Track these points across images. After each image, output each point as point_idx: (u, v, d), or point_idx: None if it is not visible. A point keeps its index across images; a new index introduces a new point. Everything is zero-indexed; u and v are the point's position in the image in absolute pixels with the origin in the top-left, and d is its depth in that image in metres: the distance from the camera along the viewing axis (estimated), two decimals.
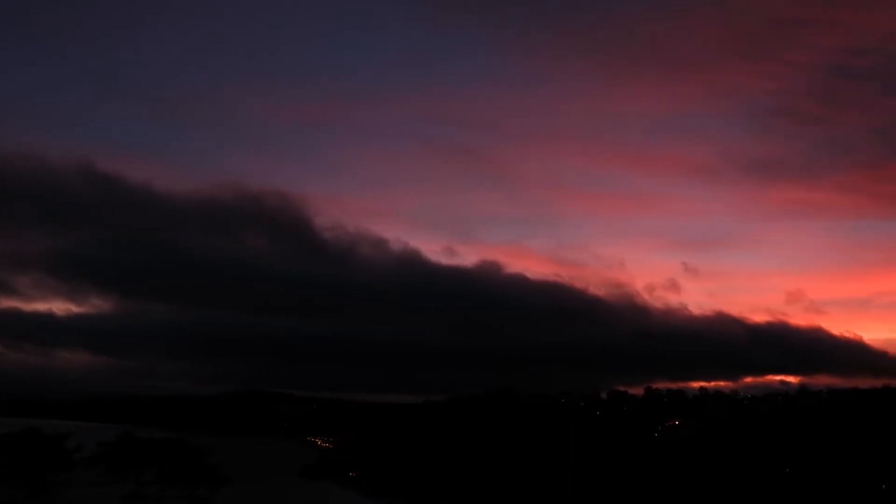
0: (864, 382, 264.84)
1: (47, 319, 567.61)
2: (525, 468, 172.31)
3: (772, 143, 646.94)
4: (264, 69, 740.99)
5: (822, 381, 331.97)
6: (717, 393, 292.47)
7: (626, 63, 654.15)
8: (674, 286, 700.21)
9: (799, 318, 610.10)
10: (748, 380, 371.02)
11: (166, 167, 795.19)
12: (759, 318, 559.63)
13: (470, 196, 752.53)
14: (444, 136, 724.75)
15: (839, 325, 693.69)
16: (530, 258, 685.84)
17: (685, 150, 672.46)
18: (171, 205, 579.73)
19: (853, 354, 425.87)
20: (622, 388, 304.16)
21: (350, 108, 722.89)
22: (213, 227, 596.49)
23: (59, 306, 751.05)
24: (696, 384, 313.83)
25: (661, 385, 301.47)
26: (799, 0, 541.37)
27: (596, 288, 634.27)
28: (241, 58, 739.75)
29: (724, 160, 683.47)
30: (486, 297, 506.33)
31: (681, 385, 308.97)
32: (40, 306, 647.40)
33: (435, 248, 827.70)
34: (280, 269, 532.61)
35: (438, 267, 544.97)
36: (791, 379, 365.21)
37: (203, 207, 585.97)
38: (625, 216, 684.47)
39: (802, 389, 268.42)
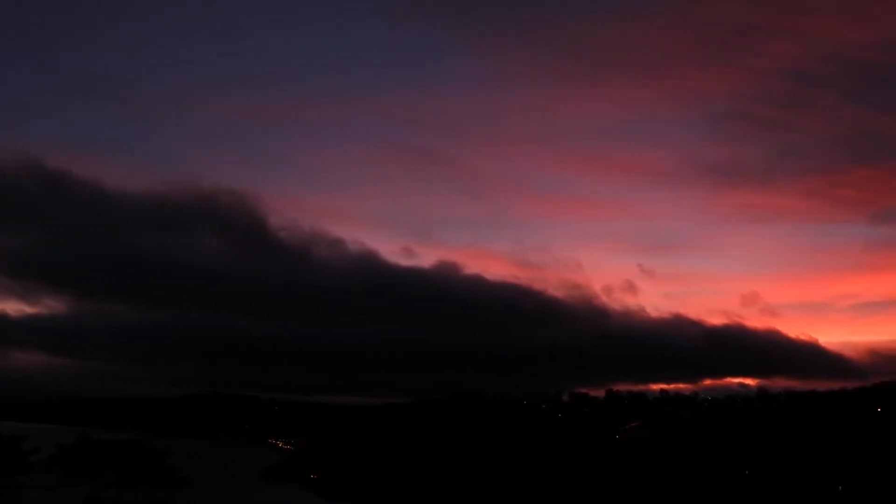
0: (822, 385, 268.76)
1: (0, 320, 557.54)
2: (490, 470, 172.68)
3: (731, 147, 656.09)
4: (224, 69, 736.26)
5: (780, 383, 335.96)
6: (678, 395, 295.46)
7: (587, 68, 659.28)
8: (632, 288, 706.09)
9: (755, 321, 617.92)
10: (707, 382, 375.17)
11: (119, 165, 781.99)
12: (716, 320, 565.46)
13: (430, 198, 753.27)
14: (406, 138, 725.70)
15: (795, 328, 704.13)
16: (490, 260, 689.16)
17: (645, 154, 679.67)
18: (124, 203, 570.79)
19: (809, 357, 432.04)
20: (583, 390, 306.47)
21: (311, 108, 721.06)
22: (168, 225, 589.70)
23: (13, 307, 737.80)
24: (656, 386, 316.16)
25: (622, 387, 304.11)
26: (758, 7, 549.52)
27: (555, 290, 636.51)
28: (199, 57, 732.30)
29: (684, 164, 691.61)
30: (446, 298, 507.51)
31: (641, 387, 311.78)
32: None
33: (394, 249, 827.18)
34: (235, 269, 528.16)
35: (397, 268, 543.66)
36: (749, 381, 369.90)
37: (157, 206, 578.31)
38: (585, 219, 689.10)
39: (762, 392, 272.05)
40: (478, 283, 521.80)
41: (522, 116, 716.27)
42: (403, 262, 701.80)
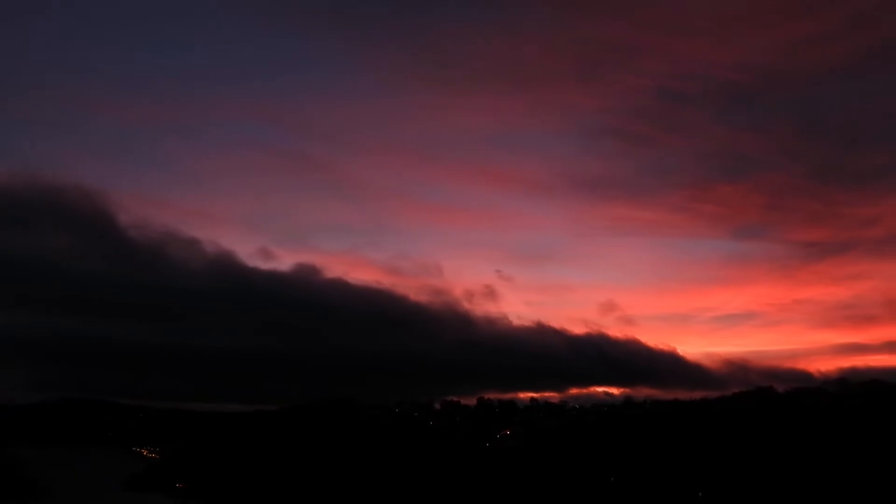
0: (683, 394, 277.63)
1: None
2: (361, 477, 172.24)
3: (602, 161, 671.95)
4: (84, 63, 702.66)
5: (643, 392, 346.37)
6: (546, 403, 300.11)
7: (467, 80, 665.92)
8: (493, 295, 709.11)
9: (615, 331, 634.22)
10: (574, 391, 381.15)
11: None
12: (578, 329, 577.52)
13: (302, 203, 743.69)
14: (281, 142, 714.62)
15: (655, 339, 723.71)
16: (363, 266, 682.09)
17: (520, 165, 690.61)
18: None
19: (670, 367, 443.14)
20: (455, 399, 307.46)
21: (180, 109, 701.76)
22: (8, 221, 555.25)
23: None
24: (525, 395, 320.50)
25: (493, 395, 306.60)
26: (630, 26, 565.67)
27: (421, 296, 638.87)
28: (55, 49, 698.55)
29: (557, 177, 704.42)
30: (310, 303, 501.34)
31: (511, 396, 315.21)
32: None
33: (259, 253, 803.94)
34: (83, 268, 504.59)
35: (257, 271, 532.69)
36: (613, 390, 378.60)
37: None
38: (458, 228, 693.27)
39: (627, 400, 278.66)
40: (341, 287, 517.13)
41: (401, 125, 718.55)
42: (269, 265, 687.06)
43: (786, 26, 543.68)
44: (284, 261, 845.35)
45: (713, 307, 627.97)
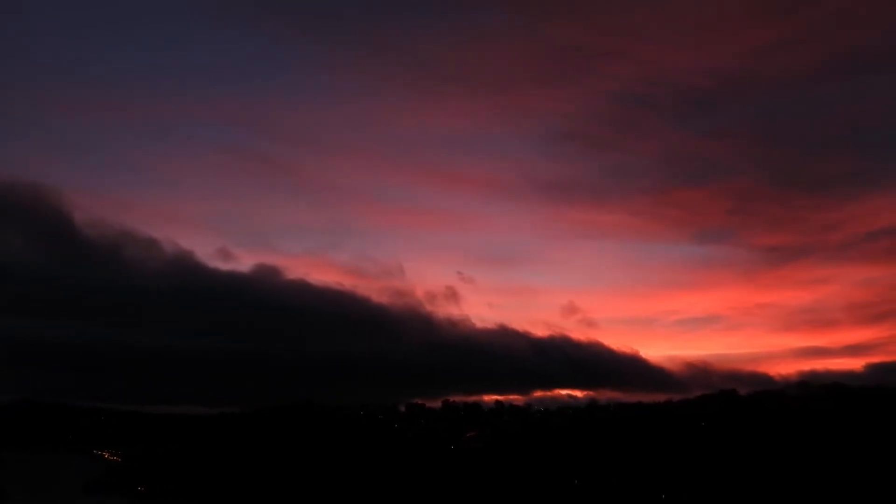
0: (646, 397, 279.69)
1: None
2: (324, 480, 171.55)
3: (565, 165, 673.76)
4: (42, 59, 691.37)
5: (606, 394, 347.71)
6: (511, 406, 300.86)
7: (430, 82, 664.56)
8: (460, 299, 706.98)
9: (578, 333, 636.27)
10: (538, 393, 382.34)
11: None
12: (541, 332, 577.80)
13: (264, 204, 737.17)
14: (245, 143, 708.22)
15: (618, 342, 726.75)
16: (325, 268, 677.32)
17: (484, 168, 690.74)
18: None
19: (633, 370, 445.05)
20: (420, 402, 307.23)
21: (141, 108, 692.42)
22: None
23: None
24: (490, 397, 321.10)
25: (458, 398, 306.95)
26: (593, 31, 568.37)
27: (383, 298, 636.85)
28: (11, 46, 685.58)
29: (520, 180, 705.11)
30: (274, 305, 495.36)
31: (475, 398, 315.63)
32: None
33: (219, 254, 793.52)
34: (40, 269, 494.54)
35: (217, 272, 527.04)
36: (577, 393, 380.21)
37: None
38: (420, 230, 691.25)
39: (592, 403, 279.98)
40: (302, 288, 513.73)
41: (365, 128, 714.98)
42: (223, 265, 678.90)
43: (749, 33, 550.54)
44: (245, 261, 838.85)
45: (676, 311, 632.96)
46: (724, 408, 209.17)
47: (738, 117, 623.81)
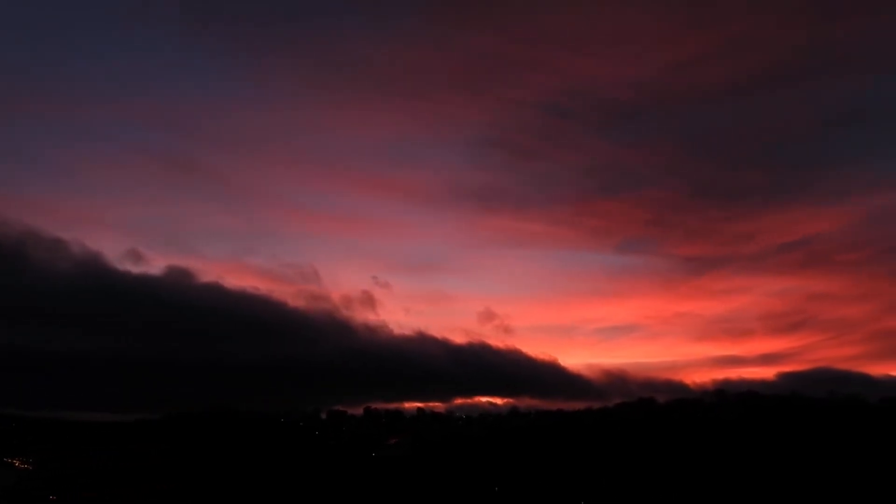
0: (565, 405, 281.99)
1: None
2: (246, 488, 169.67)
3: (488, 173, 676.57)
4: None
5: (526, 402, 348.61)
6: (432, 413, 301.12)
7: (354, 89, 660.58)
8: (377, 304, 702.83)
9: (496, 340, 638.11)
10: (458, 401, 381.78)
11: None
12: (459, 339, 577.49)
13: (181, 207, 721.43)
14: (165, 145, 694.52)
15: (537, 349, 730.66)
16: (238, 272, 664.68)
17: (405, 175, 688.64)
18: None
19: (552, 378, 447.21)
20: (342, 408, 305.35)
21: (51, 104, 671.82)
22: None
23: None
24: (411, 405, 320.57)
25: (379, 405, 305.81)
26: (516, 40, 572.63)
27: (299, 302, 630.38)
28: None
29: (443, 188, 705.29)
30: (186, 309, 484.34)
31: (397, 405, 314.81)
32: None
33: (129, 255, 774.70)
34: None
35: (126, 274, 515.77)
36: (497, 400, 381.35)
37: None
38: (339, 236, 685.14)
39: (513, 411, 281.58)
40: (216, 291, 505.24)
41: (287, 133, 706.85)
42: (133, 268, 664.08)
43: (669, 46, 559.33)
44: (156, 264, 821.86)
45: (596, 319, 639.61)
46: (643, 416, 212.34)
47: (658, 129, 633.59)
